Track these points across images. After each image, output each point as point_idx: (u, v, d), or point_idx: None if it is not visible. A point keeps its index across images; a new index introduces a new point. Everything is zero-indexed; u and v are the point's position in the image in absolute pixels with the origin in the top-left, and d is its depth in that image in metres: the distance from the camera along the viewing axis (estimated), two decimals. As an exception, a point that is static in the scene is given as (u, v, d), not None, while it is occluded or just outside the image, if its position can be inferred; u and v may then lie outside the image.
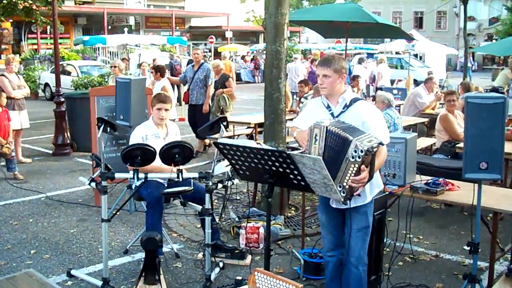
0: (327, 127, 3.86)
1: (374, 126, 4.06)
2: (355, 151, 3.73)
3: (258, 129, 10.07)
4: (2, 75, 10.54)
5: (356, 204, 4.13)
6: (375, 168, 3.97)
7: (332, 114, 4.20)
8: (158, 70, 11.08)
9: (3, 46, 35.05)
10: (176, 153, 5.10)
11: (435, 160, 7.24)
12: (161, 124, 6.04)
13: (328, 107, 4.26)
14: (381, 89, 17.38)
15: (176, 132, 6.24)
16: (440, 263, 5.92)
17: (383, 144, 3.99)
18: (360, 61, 23.09)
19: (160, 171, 5.46)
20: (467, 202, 4.76)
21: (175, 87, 20.07)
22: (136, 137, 5.87)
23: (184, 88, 21.21)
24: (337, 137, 3.83)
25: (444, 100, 8.73)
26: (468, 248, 4.49)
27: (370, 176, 3.88)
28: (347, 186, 3.83)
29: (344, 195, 3.85)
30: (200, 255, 5.91)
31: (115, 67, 10.74)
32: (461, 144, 6.73)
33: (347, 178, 3.81)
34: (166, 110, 6.00)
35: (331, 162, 3.78)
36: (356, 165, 3.78)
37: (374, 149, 3.81)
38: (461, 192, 5.22)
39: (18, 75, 11.05)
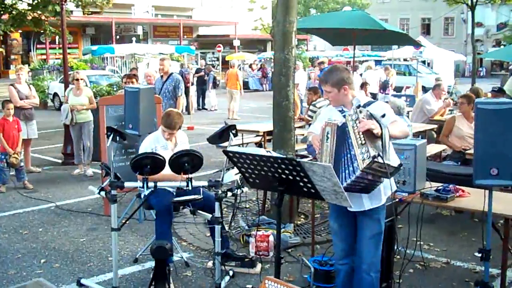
0: (337, 124, 3.86)
1: (391, 118, 4.09)
2: (351, 118, 3.81)
3: (267, 137, 10.06)
4: (12, 85, 10.60)
5: (372, 206, 4.14)
6: (395, 130, 3.97)
7: (345, 116, 4.19)
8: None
9: (12, 57, 35.30)
10: (185, 162, 5.11)
11: (445, 166, 7.21)
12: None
13: (342, 110, 4.27)
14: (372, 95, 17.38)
15: (185, 141, 6.24)
16: (451, 270, 5.89)
17: (383, 116, 3.94)
18: (355, 68, 22.87)
19: (169, 179, 5.45)
20: (478, 209, 4.73)
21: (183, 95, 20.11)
22: (145, 149, 5.88)
23: (192, 96, 21.39)
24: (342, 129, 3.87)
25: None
26: (479, 255, 4.47)
27: (381, 129, 3.78)
28: (364, 142, 3.74)
29: (366, 151, 3.72)
30: (210, 264, 5.90)
31: (76, 79, 10.28)
32: (471, 151, 6.71)
33: (358, 137, 3.77)
34: (171, 134, 6.03)
35: (340, 158, 3.80)
36: (357, 122, 3.77)
37: (369, 112, 3.83)
38: (471, 199, 5.18)
39: (30, 86, 11.09)
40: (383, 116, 3.93)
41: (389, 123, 4.00)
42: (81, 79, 10.34)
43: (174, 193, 5.83)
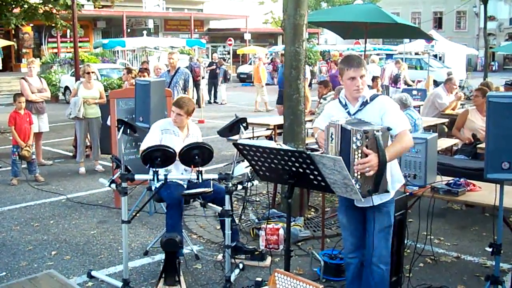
0: (341, 125, 3.83)
1: (392, 116, 4.04)
2: (356, 138, 3.73)
3: (278, 131, 10.05)
4: (23, 78, 10.62)
5: (382, 201, 4.11)
6: (396, 153, 3.94)
7: (348, 112, 4.18)
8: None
9: (24, 50, 35.42)
10: (195, 155, 5.11)
11: (456, 160, 7.18)
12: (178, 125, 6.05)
13: (345, 105, 4.23)
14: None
15: (198, 134, 6.23)
16: (462, 264, 5.87)
17: (390, 129, 3.94)
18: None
19: None
20: (489, 203, 4.71)
21: (194, 88, 20.16)
22: (155, 129, 5.95)
23: (203, 90, 21.45)
24: (347, 132, 3.81)
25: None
26: (490, 250, 4.44)
27: (380, 161, 3.76)
28: (359, 177, 3.78)
29: (359, 187, 3.78)
30: (220, 257, 5.91)
31: (88, 73, 10.06)
32: (483, 145, 6.68)
33: (355, 166, 3.77)
34: (179, 115, 5.94)
35: (346, 159, 3.78)
36: (359, 150, 3.74)
37: (377, 132, 3.75)
38: (482, 193, 5.16)
39: (41, 78, 11.10)
40: (389, 129, 3.94)
41: (394, 136, 4.02)
42: (92, 72, 10.24)
43: (185, 186, 5.84)
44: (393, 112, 4.08)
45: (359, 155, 3.75)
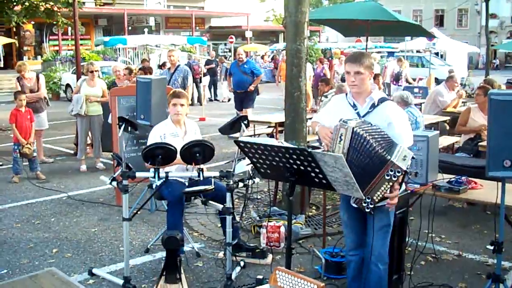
0: (353, 128, 3.83)
1: (399, 128, 4.04)
2: (392, 171, 3.78)
3: (279, 128, 10.04)
4: (17, 78, 10.60)
5: (378, 204, 4.10)
6: None
7: (358, 113, 4.15)
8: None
9: (25, 48, 35.43)
10: (196, 152, 5.10)
11: (458, 158, 7.17)
12: (178, 121, 6.02)
13: (354, 105, 4.20)
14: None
15: (196, 130, 6.22)
16: (463, 262, 5.86)
17: (414, 158, 4.00)
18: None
19: (179, 163, 5.45)
20: (490, 201, 4.69)
21: (194, 86, 20.16)
22: (154, 136, 5.89)
23: (205, 87, 21.43)
24: (365, 143, 3.83)
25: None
26: (492, 248, 4.43)
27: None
28: (376, 200, 3.88)
29: (372, 206, 3.91)
30: (221, 254, 5.90)
31: (91, 72, 10.12)
32: (484, 143, 6.67)
33: (378, 193, 3.86)
34: (182, 105, 5.95)
35: (355, 165, 3.80)
36: (391, 183, 3.82)
37: (409, 167, 3.83)
38: (484, 191, 5.15)
39: (39, 77, 10.99)
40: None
41: None
42: (96, 70, 10.23)
43: (186, 184, 5.83)
44: (400, 125, 4.08)
45: (389, 186, 3.86)
